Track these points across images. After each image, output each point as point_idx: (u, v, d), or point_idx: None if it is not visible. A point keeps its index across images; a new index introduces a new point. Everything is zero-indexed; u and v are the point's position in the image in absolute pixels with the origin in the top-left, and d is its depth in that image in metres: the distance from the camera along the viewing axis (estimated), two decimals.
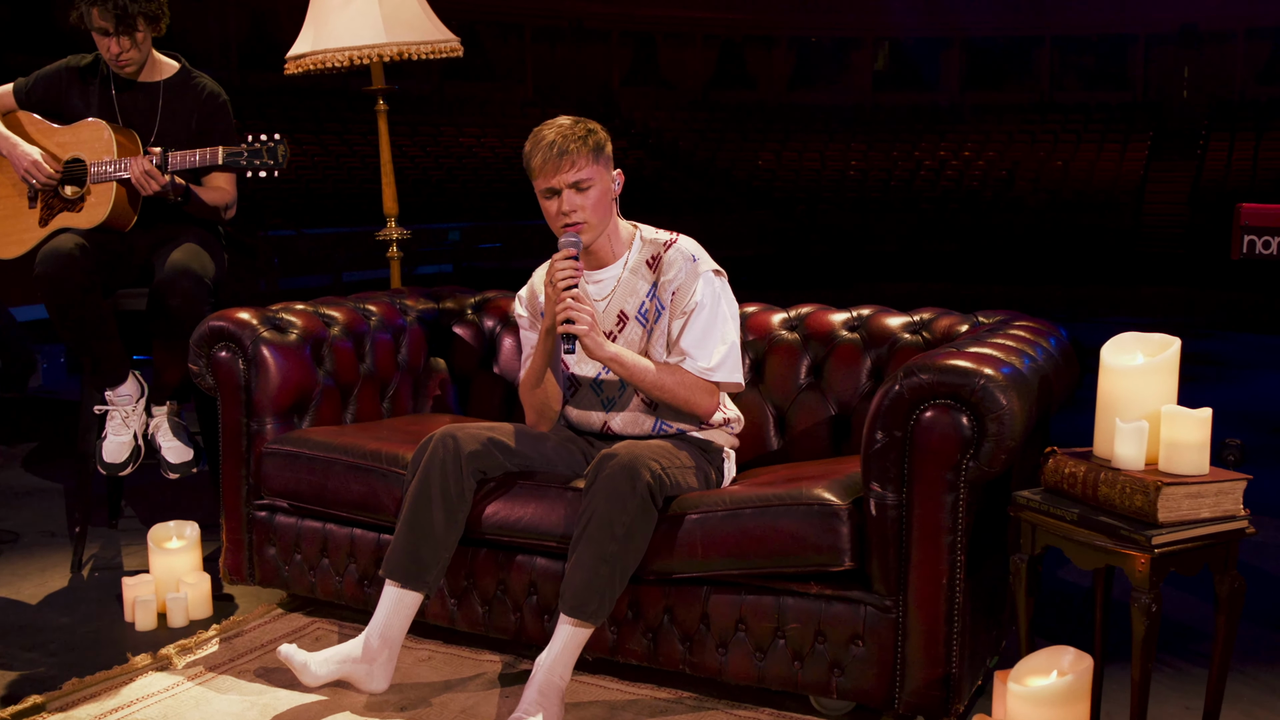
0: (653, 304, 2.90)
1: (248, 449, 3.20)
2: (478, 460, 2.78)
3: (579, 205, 2.80)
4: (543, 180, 2.80)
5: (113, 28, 3.50)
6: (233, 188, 3.77)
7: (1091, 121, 24.01)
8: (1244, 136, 22.06)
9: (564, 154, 2.76)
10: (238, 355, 3.18)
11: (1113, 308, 13.48)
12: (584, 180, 2.79)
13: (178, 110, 3.69)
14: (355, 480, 2.98)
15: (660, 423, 2.92)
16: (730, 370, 2.87)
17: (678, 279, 2.88)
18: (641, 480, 2.58)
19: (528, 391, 2.98)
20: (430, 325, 3.69)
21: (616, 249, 2.95)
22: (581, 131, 2.81)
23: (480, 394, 3.62)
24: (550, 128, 2.84)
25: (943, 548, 2.44)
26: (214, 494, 3.87)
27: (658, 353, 2.89)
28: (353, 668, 2.69)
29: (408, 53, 3.97)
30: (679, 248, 2.92)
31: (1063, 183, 21.66)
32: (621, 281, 2.94)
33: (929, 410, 2.43)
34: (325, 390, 3.31)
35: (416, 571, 2.73)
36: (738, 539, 2.57)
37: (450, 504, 2.75)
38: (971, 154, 22.96)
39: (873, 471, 2.49)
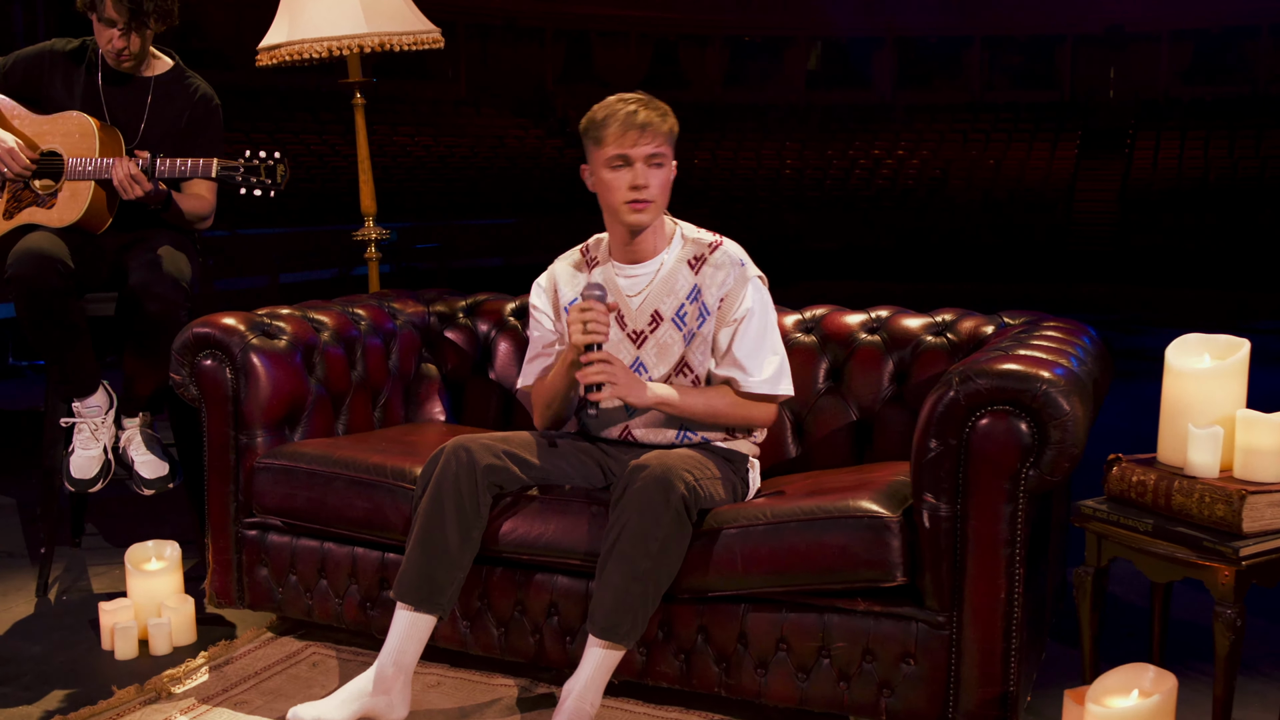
0: (693, 307, 2.75)
1: (236, 463, 3.00)
2: (493, 474, 2.61)
3: (651, 181, 2.65)
4: (614, 147, 2.64)
5: (124, 22, 3.28)
6: (213, 197, 3.55)
7: (1021, 121, 24.27)
8: (1169, 136, 22.43)
9: (647, 125, 2.62)
10: (224, 363, 2.98)
11: (1047, 305, 13.59)
12: (659, 156, 2.65)
13: (167, 109, 3.47)
14: (358, 496, 2.80)
15: (684, 431, 2.78)
16: (784, 382, 2.77)
17: (726, 284, 2.74)
18: (676, 492, 2.44)
19: (540, 396, 2.81)
20: (421, 330, 3.51)
21: (659, 242, 2.80)
22: (661, 108, 2.68)
23: (475, 401, 3.45)
24: (629, 98, 2.69)
25: (1001, 560, 2.33)
26: (188, 510, 3.66)
27: (698, 360, 2.74)
28: (372, 702, 2.51)
29: (390, 43, 3.79)
30: (726, 251, 2.78)
31: (995, 181, 21.85)
32: (659, 279, 2.78)
33: (985, 417, 2.31)
34: (317, 400, 3.11)
35: (430, 593, 2.56)
36: (781, 555, 2.43)
37: (465, 520, 2.58)
38: (906, 153, 23.09)
39: (925, 482, 2.37)
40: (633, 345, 2.77)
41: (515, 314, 3.49)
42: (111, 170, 3.26)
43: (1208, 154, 21.37)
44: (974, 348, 2.95)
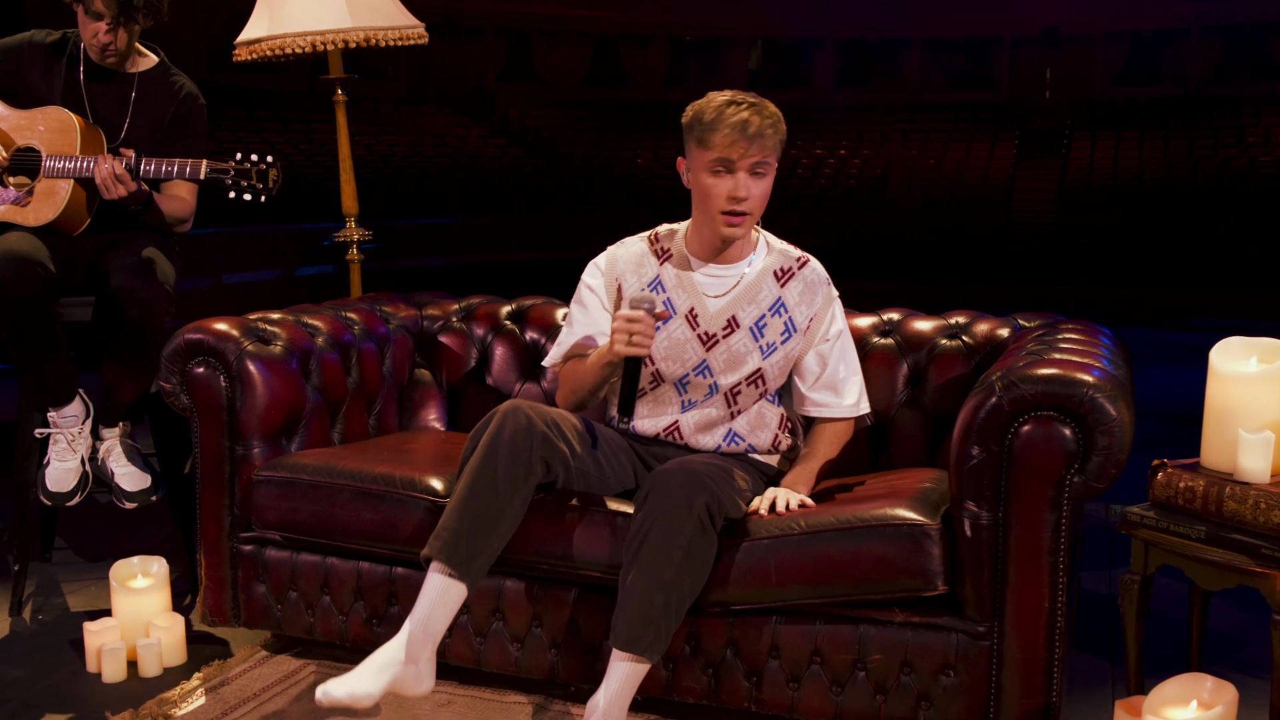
0: (776, 320, 2.68)
1: (231, 476, 2.87)
2: (548, 447, 2.47)
3: (753, 192, 2.56)
4: (718, 151, 2.53)
5: (111, 16, 3.13)
6: (194, 199, 3.42)
7: (960, 121, 24.50)
8: (1105, 136, 22.76)
9: (758, 136, 2.51)
10: (218, 371, 2.85)
11: (989, 303, 13.72)
12: (764, 165, 2.55)
13: (151, 107, 3.32)
14: (367, 508, 2.68)
15: (732, 434, 2.70)
16: (865, 402, 2.77)
17: (815, 304, 2.71)
18: (698, 500, 2.36)
19: (568, 388, 2.70)
20: (414, 334, 3.39)
21: (744, 248, 2.72)
22: (773, 115, 2.56)
23: (472, 408, 3.33)
24: (740, 99, 2.57)
25: (1044, 569, 2.28)
26: (164, 522, 3.52)
27: (773, 376, 2.68)
28: (400, 672, 2.35)
29: (375, 39, 3.67)
30: (815, 269, 2.74)
31: (935, 181, 22.03)
32: (744, 285, 2.70)
33: (1029, 423, 2.26)
34: (315, 408, 2.99)
35: (468, 556, 2.39)
36: (817, 565, 2.36)
37: (515, 483, 2.42)
38: (847, 152, 23.20)
39: (967, 489, 2.31)
40: (701, 347, 2.68)
41: (511, 318, 3.39)
42: (94, 169, 3.12)
43: (1142, 154, 21.72)
44: (991, 350, 2.90)
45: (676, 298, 2.70)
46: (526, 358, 3.32)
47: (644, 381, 2.71)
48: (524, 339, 3.33)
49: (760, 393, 2.69)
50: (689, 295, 2.70)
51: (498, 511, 2.42)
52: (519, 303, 3.42)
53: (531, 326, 3.34)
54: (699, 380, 2.68)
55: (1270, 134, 21.37)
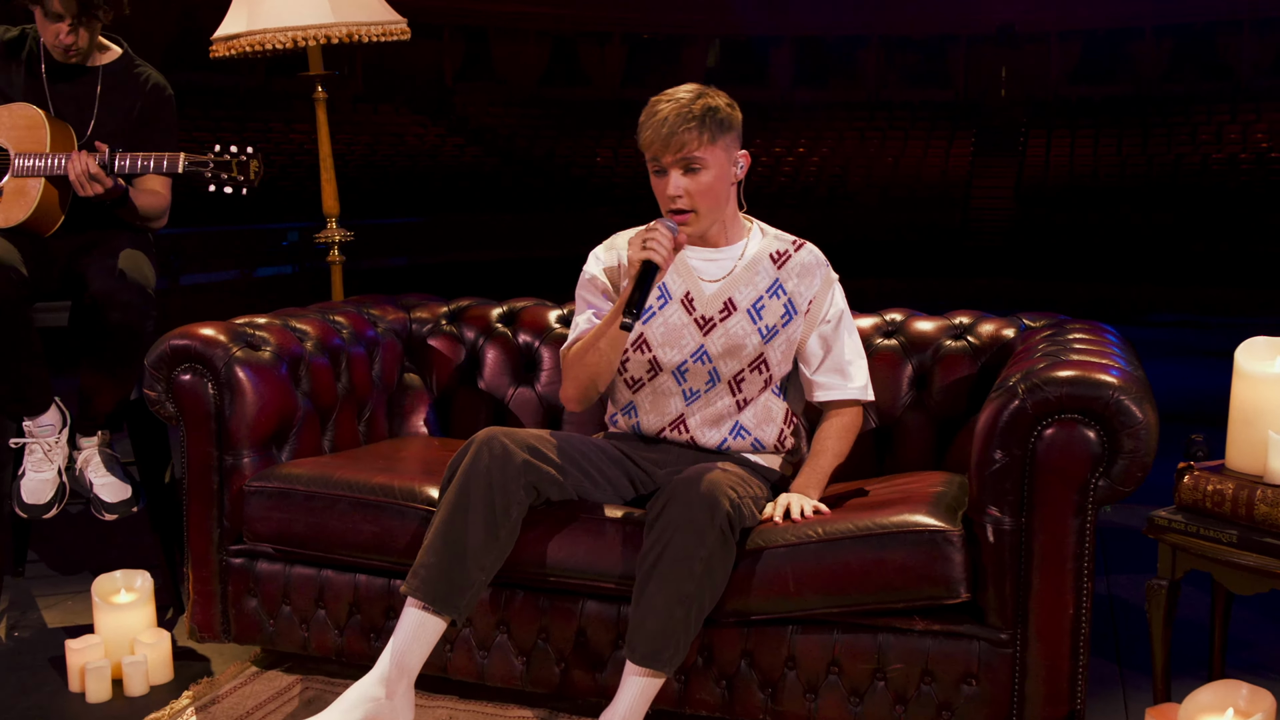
0: (774, 303, 2.61)
1: (221, 486, 2.77)
2: (531, 473, 2.41)
3: (685, 189, 2.49)
4: (648, 151, 2.50)
5: (72, 16, 3.02)
6: (169, 193, 3.31)
7: (917, 119, 24.62)
8: (1060, 134, 22.95)
9: (673, 134, 2.45)
10: (206, 378, 2.75)
11: (948, 300, 13.79)
12: (695, 161, 2.47)
13: (117, 101, 3.21)
14: (364, 519, 2.60)
15: (738, 427, 2.63)
16: (869, 387, 2.69)
17: (815, 286, 2.65)
18: (721, 510, 2.29)
19: (578, 363, 2.59)
20: (402, 338, 3.30)
21: (732, 234, 2.65)
22: (699, 109, 2.48)
23: (463, 414, 3.25)
24: (666, 99, 2.52)
25: (1068, 575, 2.23)
26: (143, 533, 3.41)
27: (776, 360, 2.61)
28: (376, 708, 2.30)
29: (358, 34, 3.57)
30: (812, 250, 2.69)
31: (893, 179, 22.11)
32: (739, 267, 2.63)
33: (1052, 427, 2.22)
34: (306, 415, 2.90)
35: (447, 593, 2.34)
36: (836, 573, 2.30)
37: (494, 518, 2.37)
38: (806, 150, 23.24)
39: (989, 494, 2.26)
40: (699, 331, 2.62)
41: (502, 320, 3.31)
42: (67, 166, 3.01)
43: (1097, 152, 21.92)
44: (998, 351, 2.86)
45: (672, 281, 2.64)
46: (519, 361, 3.24)
47: (642, 371, 2.64)
48: (516, 342, 3.25)
49: (765, 380, 2.62)
50: (684, 279, 2.64)
51: (479, 545, 2.36)
52: (509, 305, 3.34)
53: (524, 329, 3.26)
54: (697, 367, 2.62)
55: (1221, 131, 21.65)
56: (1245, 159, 20.18)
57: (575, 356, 2.59)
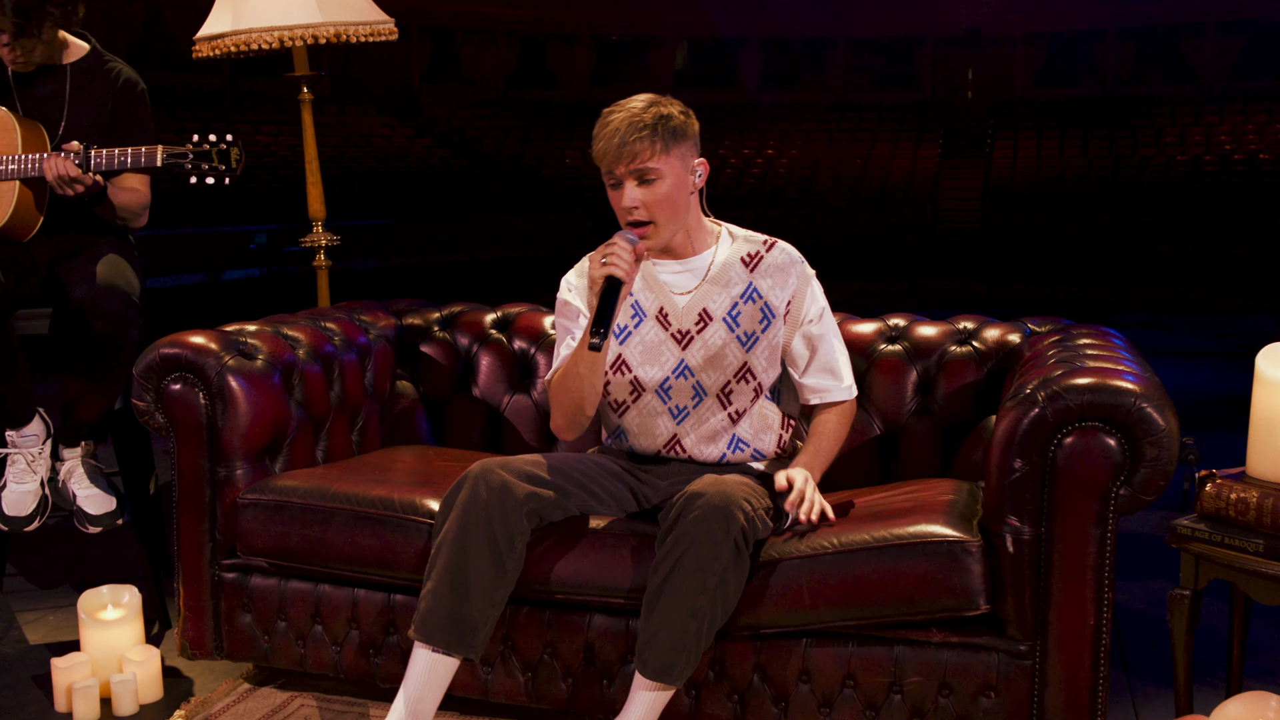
0: (750, 308, 2.54)
1: (213, 499, 2.69)
2: (533, 500, 2.36)
3: (640, 200, 2.42)
4: (604, 167, 2.43)
5: (10, 35, 2.93)
6: (147, 189, 3.23)
7: (885, 121, 24.70)
8: (1027, 136, 23.09)
9: (625, 145, 2.38)
10: (197, 388, 2.67)
11: (919, 301, 13.84)
12: (650, 172, 2.41)
13: (88, 99, 3.12)
14: (364, 533, 2.53)
15: (736, 441, 2.58)
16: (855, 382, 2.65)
17: (791, 285, 2.56)
18: (736, 523, 2.24)
19: (561, 391, 2.52)
20: (394, 344, 3.23)
21: (698, 243, 2.59)
22: (650, 118, 2.40)
23: (457, 422, 3.19)
24: (618, 110, 2.44)
25: (1089, 585, 2.20)
26: (126, 545, 3.33)
27: (762, 367, 2.54)
28: None
29: (345, 34, 3.50)
30: (784, 249, 2.60)
31: (863, 180, 22.16)
32: (709, 276, 2.57)
33: (1073, 435, 2.18)
34: (299, 425, 2.82)
35: (462, 634, 2.30)
36: (853, 585, 2.26)
37: (498, 553, 2.32)
38: (775, 151, 23.26)
39: (1008, 503, 2.22)
40: (677, 346, 2.56)
41: (496, 326, 3.24)
42: (43, 167, 2.92)
43: (1064, 153, 22.06)
44: (1005, 357, 2.83)
45: (645, 299, 2.58)
46: (515, 368, 3.18)
47: (625, 394, 2.59)
48: (512, 348, 3.19)
49: (755, 390, 2.55)
50: (657, 295, 2.58)
51: (488, 582, 2.31)
52: (503, 310, 3.28)
53: (519, 335, 3.20)
54: (680, 383, 2.56)
55: (1185, 133, 21.85)
56: (1209, 160, 20.37)
57: (558, 384, 2.53)
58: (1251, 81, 22.61)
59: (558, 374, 2.54)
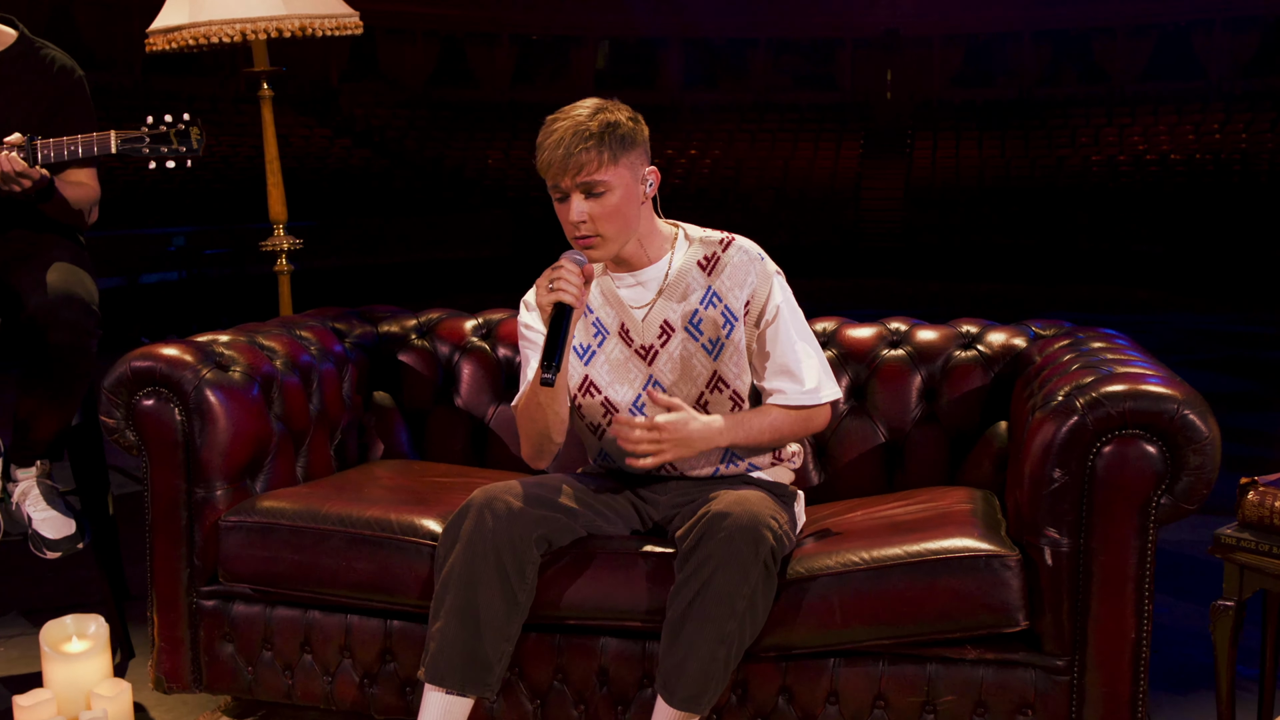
0: (711, 313, 2.41)
1: (190, 522, 2.52)
2: (543, 526, 2.24)
3: (588, 214, 2.28)
4: (548, 180, 2.30)
5: None
6: (96, 183, 3.04)
7: (806, 121, 24.83)
8: (946, 137, 23.37)
9: (569, 156, 2.24)
10: (173, 403, 2.50)
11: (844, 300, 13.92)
12: (597, 184, 2.27)
13: (22, 88, 2.92)
14: (361, 556, 2.38)
15: (729, 454, 2.45)
16: (830, 384, 2.45)
17: (750, 283, 2.40)
18: (765, 543, 2.14)
19: (526, 420, 2.40)
20: (371, 353, 3.08)
21: (653, 251, 2.44)
22: (597, 127, 2.26)
23: (439, 434, 3.04)
24: (563, 118, 2.30)
25: (1129, 597, 2.13)
26: (82, 569, 3.13)
27: (733, 374, 2.41)
28: None
29: (311, 28, 3.33)
30: (741, 247, 2.44)
31: (785, 181, 22.26)
32: (666, 286, 2.44)
33: (1113, 443, 2.11)
34: (280, 441, 2.66)
35: (474, 674, 2.17)
36: (887, 603, 2.17)
37: (509, 585, 2.20)
38: (698, 152, 23.26)
39: (1046, 515, 2.15)
40: (643, 362, 2.44)
41: (478, 334, 3.10)
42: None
43: (982, 154, 22.37)
44: (1013, 361, 2.76)
45: (605, 316, 2.46)
46: (499, 377, 3.04)
47: (598, 416, 2.46)
48: (495, 356, 3.05)
49: (731, 398, 2.42)
50: (616, 311, 2.45)
51: (501, 617, 2.19)
52: (484, 317, 3.14)
53: (503, 343, 3.06)
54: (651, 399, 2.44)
55: (1099, 134, 22.28)
56: (1123, 161, 20.79)
57: (522, 413, 2.42)
58: (1161, 84, 23.15)
59: (520, 401, 2.43)
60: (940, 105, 24.80)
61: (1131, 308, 13.18)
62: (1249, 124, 21.17)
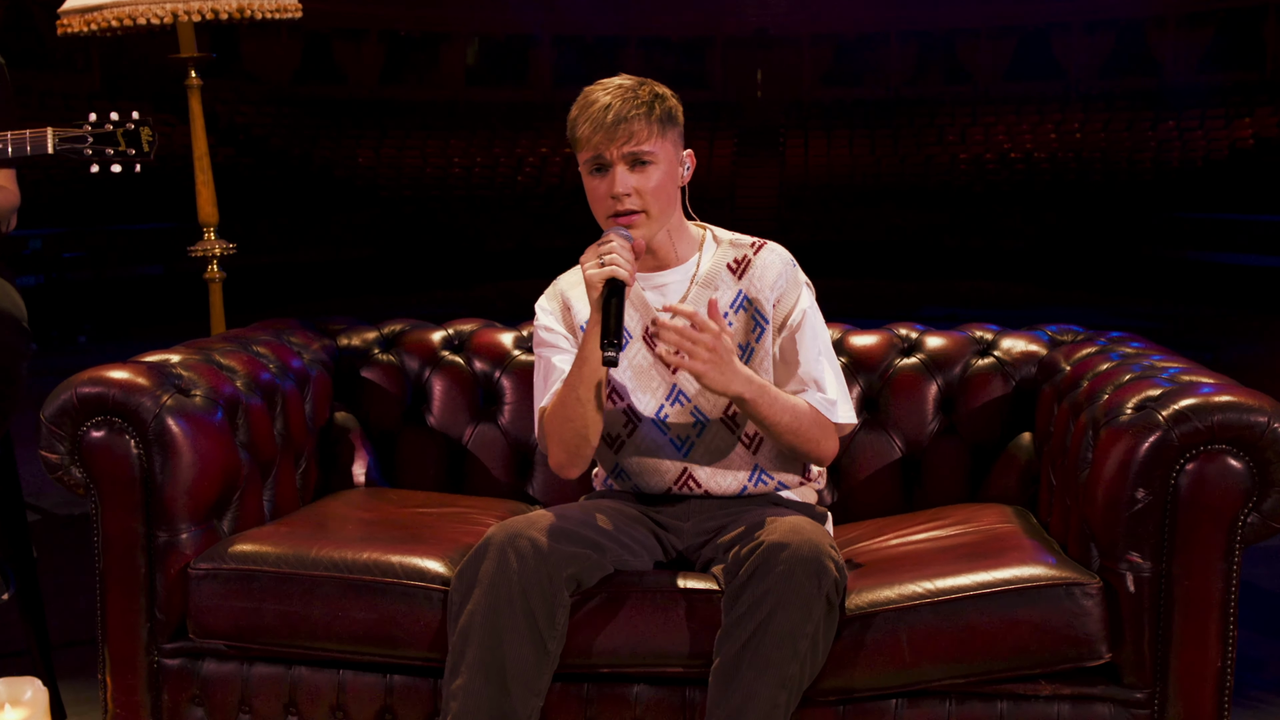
0: (743, 317, 2.23)
1: (150, 570, 2.20)
2: (573, 564, 2.00)
3: (634, 187, 2.10)
4: (588, 150, 2.12)
5: None
6: (16, 187, 2.70)
7: None
8: (817, 135, 23.60)
9: (620, 121, 2.08)
10: (128, 434, 2.18)
11: None
12: (644, 154, 2.10)
13: None
14: (358, 605, 2.10)
15: (759, 472, 2.26)
16: (848, 406, 2.26)
17: (779, 285, 2.23)
18: (828, 576, 1.94)
19: (560, 421, 2.16)
20: (330, 369, 2.78)
21: (682, 249, 2.27)
22: (646, 95, 2.12)
23: (411, 458, 2.76)
24: (603, 88, 2.14)
25: (1214, 623, 1.99)
26: (10, 622, 2.78)
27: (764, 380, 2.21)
28: None
29: (250, 10, 3.05)
30: (774, 249, 2.29)
31: None
32: (695, 286, 2.25)
33: (1196, 460, 1.97)
34: (249, 472, 2.35)
35: None
36: (961, 639, 1.99)
37: (538, 634, 1.96)
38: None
39: (1128, 538, 1.99)
40: (667, 369, 2.24)
41: (449, 346, 2.83)
42: None
43: (853, 152, 22.64)
44: (1033, 369, 2.61)
45: (629, 319, 2.26)
46: (475, 394, 2.78)
47: (619, 427, 2.25)
48: (471, 370, 2.79)
49: None
50: (641, 314, 2.27)
51: (530, 669, 1.96)
52: (454, 328, 2.87)
53: (479, 356, 2.80)
54: (677, 410, 2.24)
55: (965, 133, 22.76)
56: (990, 159, 21.27)
57: (554, 415, 2.18)
58: (1024, 84, 23.75)
59: (553, 404, 2.19)
60: (811, 104, 25.03)
61: (1010, 303, 13.43)
62: (1106, 123, 21.87)
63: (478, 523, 2.38)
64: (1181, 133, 20.54)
